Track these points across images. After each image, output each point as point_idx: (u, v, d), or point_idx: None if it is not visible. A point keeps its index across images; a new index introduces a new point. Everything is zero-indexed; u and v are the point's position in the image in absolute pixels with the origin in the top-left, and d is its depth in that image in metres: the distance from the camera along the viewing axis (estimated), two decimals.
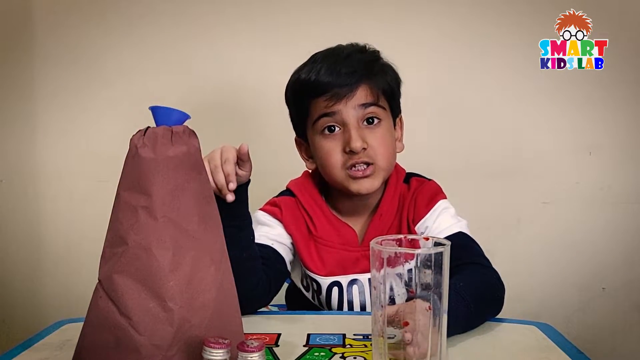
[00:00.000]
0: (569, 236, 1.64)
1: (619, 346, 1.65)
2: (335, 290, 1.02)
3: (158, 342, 0.59)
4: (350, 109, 0.97)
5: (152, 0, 1.65)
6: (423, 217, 1.02)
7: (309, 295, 1.08)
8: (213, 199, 0.67)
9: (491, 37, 1.60)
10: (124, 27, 1.66)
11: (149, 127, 0.64)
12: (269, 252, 0.99)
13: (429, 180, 1.08)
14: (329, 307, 1.03)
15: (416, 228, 1.02)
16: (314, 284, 1.04)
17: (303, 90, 1.01)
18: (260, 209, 1.07)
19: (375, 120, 0.99)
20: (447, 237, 0.96)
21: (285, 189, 1.10)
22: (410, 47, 1.05)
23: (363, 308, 1.02)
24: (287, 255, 1.03)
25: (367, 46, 1.04)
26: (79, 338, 0.65)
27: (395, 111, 1.05)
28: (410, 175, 1.09)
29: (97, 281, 0.64)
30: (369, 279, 1.00)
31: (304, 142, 1.07)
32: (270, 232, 1.02)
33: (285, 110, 1.10)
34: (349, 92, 0.97)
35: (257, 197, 1.08)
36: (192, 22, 1.64)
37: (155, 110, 0.65)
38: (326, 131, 0.99)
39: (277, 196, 1.09)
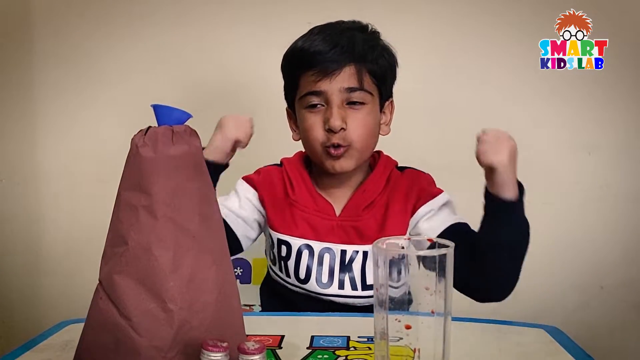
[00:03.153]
0: (568, 236, 1.64)
1: (617, 345, 1.65)
2: (305, 253, 1.02)
3: (158, 344, 0.59)
4: (335, 90, 0.98)
5: (152, 1, 1.65)
6: (427, 202, 1.03)
7: (276, 269, 1.07)
8: (214, 199, 0.67)
9: (491, 37, 1.60)
10: (124, 27, 1.66)
11: (150, 126, 0.64)
12: None
13: (425, 173, 1.10)
14: (297, 275, 1.02)
15: (418, 212, 1.03)
16: (283, 247, 1.04)
17: (295, 61, 1.03)
18: (242, 177, 1.10)
19: (358, 104, 1.00)
20: (454, 224, 1.02)
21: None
22: (409, 47, 1.05)
23: (331, 280, 1.01)
24: (241, 230, 1.05)
25: (368, 26, 1.05)
26: (79, 339, 0.65)
27: (384, 95, 1.06)
28: (405, 167, 1.10)
29: (98, 281, 0.63)
30: (342, 250, 1.02)
31: (293, 114, 1.08)
32: (232, 204, 1.05)
33: (283, 108, 1.11)
34: (336, 69, 0.98)
35: None
36: (192, 22, 1.64)
37: (157, 108, 0.65)
38: (310, 107, 1.01)
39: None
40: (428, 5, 1.61)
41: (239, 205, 1.06)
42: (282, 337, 0.80)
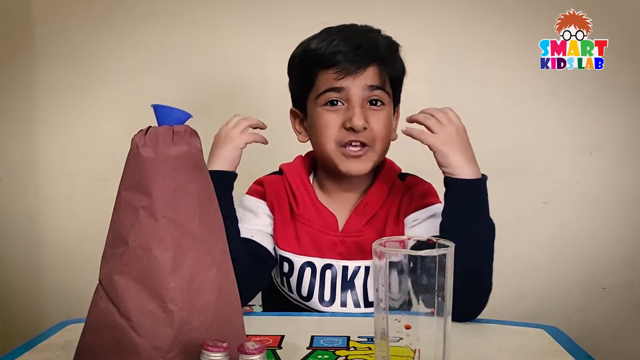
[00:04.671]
0: (569, 236, 1.64)
1: (619, 346, 1.65)
2: (308, 271, 1.01)
3: (158, 344, 0.59)
4: (358, 88, 0.96)
5: (153, 1, 1.65)
6: (416, 211, 1.01)
7: (278, 281, 1.06)
8: (215, 199, 0.67)
9: (491, 37, 1.60)
10: (125, 27, 1.66)
11: (150, 126, 0.64)
12: (252, 246, 0.99)
13: (425, 182, 1.08)
14: (299, 292, 1.01)
15: (406, 219, 1.01)
16: (286, 264, 1.02)
17: (312, 60, 0.99)
18: (247, 192, 1.07)
19: (379, 103, 0.98)
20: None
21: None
22: (410, 47, 1.05)
23: (333, 298, 1.01)
24: (270, 244, 1.03)
25: (381, 30, 1.04)
26: (79, 339, 0.64)
27: (396, 100, 1.05)
28: (407, 175, 1.08)
29: (98, 282, 0.63)
30: (344, 266, 1.00)
31: (300, 114, 1.05)
32: (252, 223, 1.02)
33: (285, 109, 1.09)
34: (360, 69, 0.96)
35: None
36: (192, 22, 1.64)
37: (157, 108, 0.65)
38: (328, 105, 0.98)
39: (266, 174, 1.09)
40: (427, 7, 1.61)
41: (260, 221, 1.03)
42: (282, 337, 0.80)
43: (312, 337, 0.80)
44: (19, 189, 1.72)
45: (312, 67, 0.99)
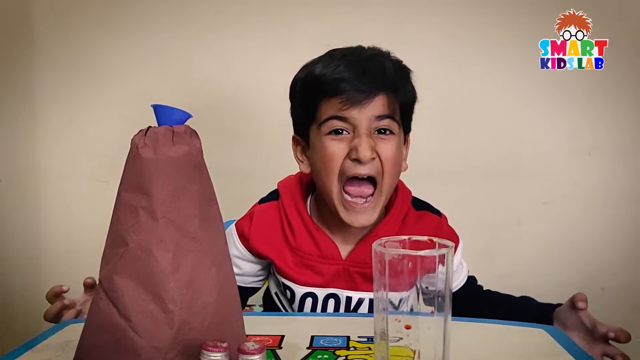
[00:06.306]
0: (568, 236, 1.64)
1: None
2: (309, 301, 0.98)
3: (158, 345, 0.59)
4: (364, 118, 0.90)
5: (152, 1, 1.65)
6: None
7: (282, 303, 1.05)
8: (215, 200, 0.67)
9: (491, 37, 1.60)
10: (124, 27, 1.66)
11: (150, 126, 0.64)
12: None
13: (440, 215, 1.04)
14: None
15: None
16: (288, 291, 1.00)
17: (316, 87, 0.92)
18: (236, 222, 1.03)
19: (388, 132, 0.93)
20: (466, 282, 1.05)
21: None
22: (409, 47, 1.04)
23: None
24: (248, 282, 1.03)
25: (390, 52, 0.97)
26: (79, 339, 0.64)
27: (406, 128, 0.99)
28: (419, 203, 1.04)
29: (98, 282, 0.63)
30: (347, 297, 0.97)
31: (303, 142, 0.99)
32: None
33: (285, 111, 1.08)
34: (366, 99, 0.89)
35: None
36: (192, 22, 1.64)
37: (157, 108, 0.65)
38: (333, 134, 0.92)
39: (263, 198, 1.05)
40: (425, 7, 1.61)
41: (234, 264, 0.97)
42: (282, 337, 0.80)
43: (312, 337, 0.80)
44: (19, 189, 1.72)
45: (315, 95, 0.93)
